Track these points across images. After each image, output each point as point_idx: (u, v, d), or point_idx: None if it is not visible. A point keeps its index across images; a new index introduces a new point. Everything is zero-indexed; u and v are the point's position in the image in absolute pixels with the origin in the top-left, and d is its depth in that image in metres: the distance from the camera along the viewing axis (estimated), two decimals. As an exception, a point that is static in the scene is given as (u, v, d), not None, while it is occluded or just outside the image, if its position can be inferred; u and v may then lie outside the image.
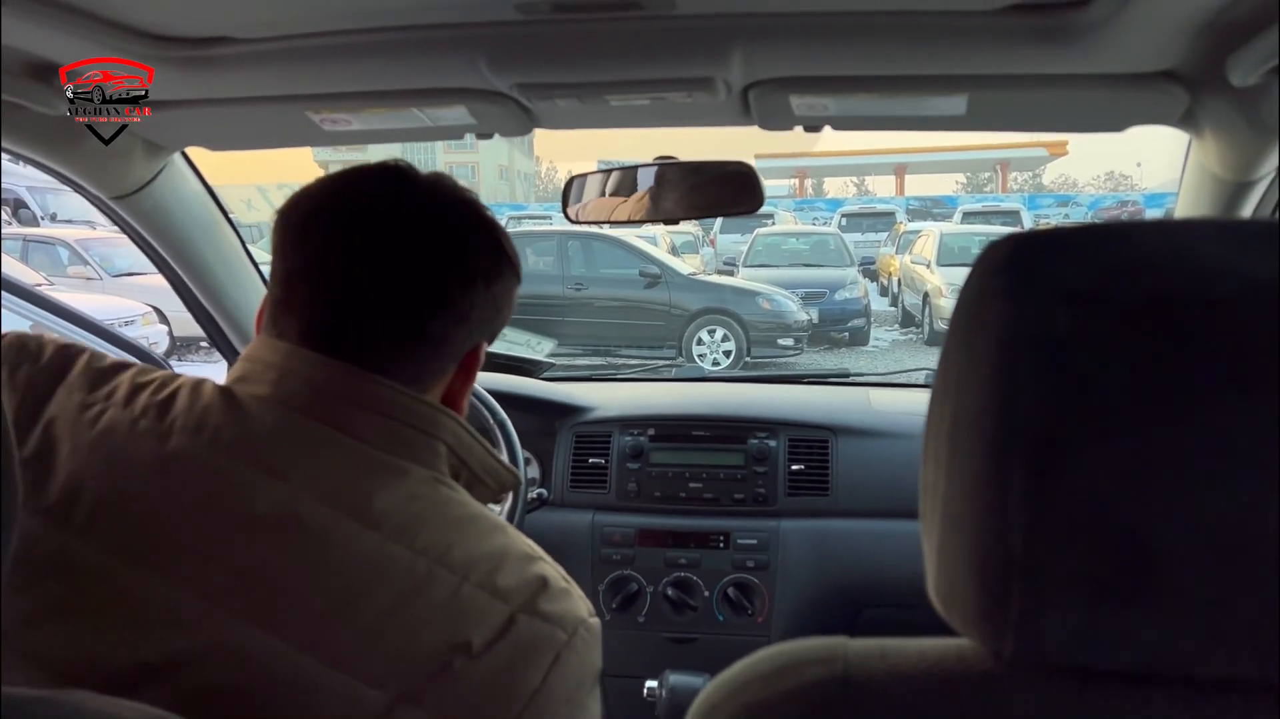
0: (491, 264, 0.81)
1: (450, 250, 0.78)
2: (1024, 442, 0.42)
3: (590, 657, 0.74)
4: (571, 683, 0.71)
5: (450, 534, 0.72)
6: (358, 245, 0.76)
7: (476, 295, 0.79)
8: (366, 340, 0.76)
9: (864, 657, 0.50)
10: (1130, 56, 1.06)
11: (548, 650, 0.70)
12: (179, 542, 0.67)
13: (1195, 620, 0.42)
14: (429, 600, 0.68)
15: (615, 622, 1.74)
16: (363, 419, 0.73)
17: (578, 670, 0.72)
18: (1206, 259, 0.42)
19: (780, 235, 13.88)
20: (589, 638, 0.74)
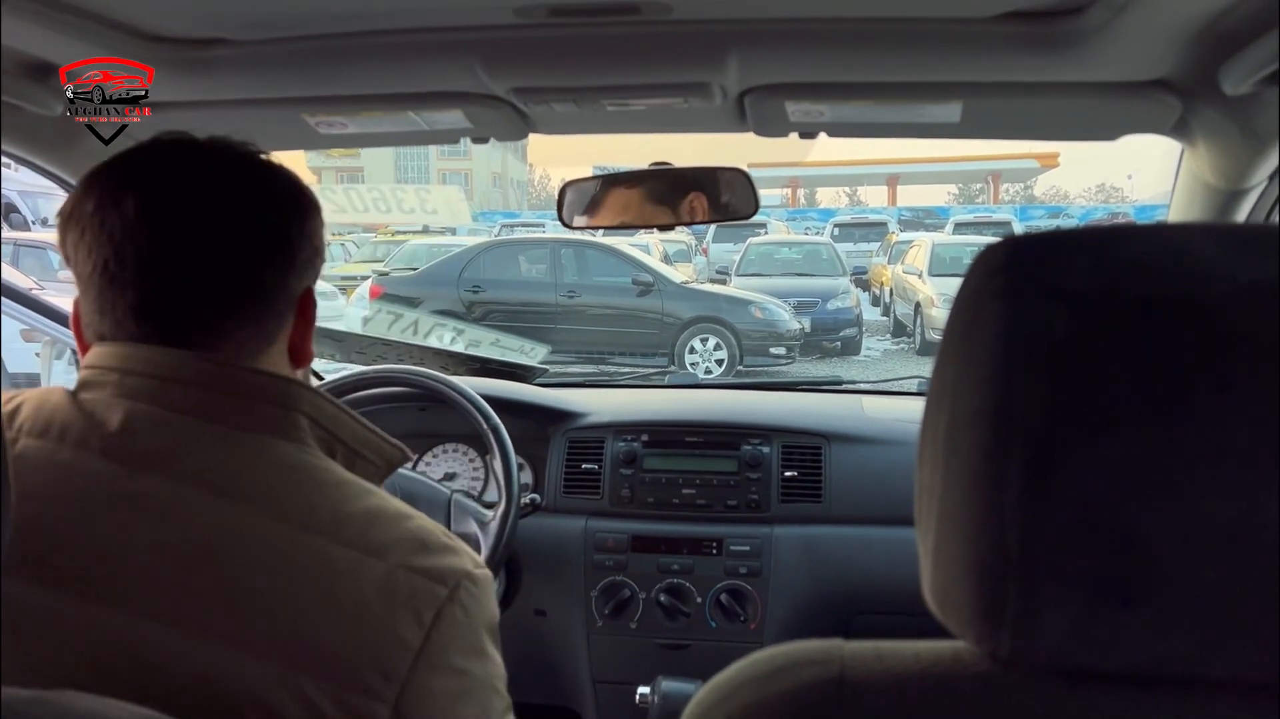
0: (297, 203, 0.80)
1: (255, 198, 0.77)
2: (1021, 443, 0.42)
3: (478, 610, 0.73)
4: (460, 637, 0.71)
5: (316, 497, 0.71)
6: (161, 215, 0.73)
7: (294, 236, 0.78)
8: (198, 307, 0.74)
9: (860, 658, 0.50)
10: (1124, 65, 1.06)
11: (428, 607, 0.69)
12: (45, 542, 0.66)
13: (1192, 622, 0.42)
14: (298, 566, 0.67)
15: (608, 628, 1.73)
16: (211, 400, 0.72)
17: (464, 624, 0.72)
18: (1204, 262, 0.43)
19: (773, 244, 13.91)
20: (475, 590, 0.73)
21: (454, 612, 0.71)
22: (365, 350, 2.22)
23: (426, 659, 0.68)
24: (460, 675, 0.71)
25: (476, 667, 0.73)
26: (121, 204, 0.73)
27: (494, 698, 0.76)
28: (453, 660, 0.70)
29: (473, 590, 0.73)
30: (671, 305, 9.96)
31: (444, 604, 0.70)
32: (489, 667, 0.75)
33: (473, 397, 1.65)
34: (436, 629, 0.69)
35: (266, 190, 0.78)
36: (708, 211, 1.46)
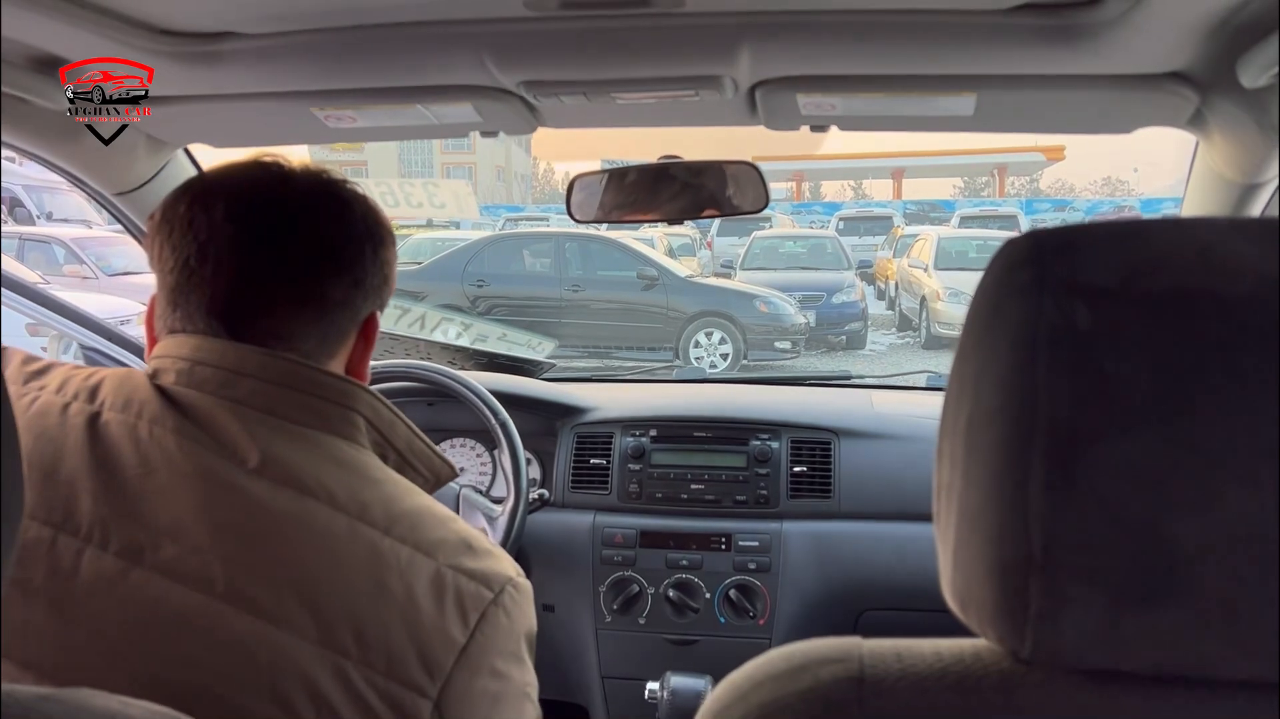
0: (373, 231, 0.84)
1: (335, 219, 0.82)
2: (1044, 439, 0.42)
3: (519, 616, 0.76)
4: (500, 641, 0.73)
5: (369, 492, 0.75)
6: (247, 222, 0.78)
7: (366, 260, 0.83)
8: (268, 312, 0.78)
9: (879, 656, 0.50)
10: (1140, 57, 1.06)
11: (474, 608, 0.72)
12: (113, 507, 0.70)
13: (1218, 621, 0.41)
14: (351, 556, 0.71)
15: (616, 623, 1.73)
16: (275, 395, 0.76)
17: (506, 628, 0.74)
18: (1227, 256, 0.42)
19: (778, 238, 13.88)
20: (518, 596, 0.77)
21: (498, 615, 0.73)
22: (372, 345, 2.22)
23: (469, 659, 0.71)
24: (499, 678, 0.73)
25: (515, 671, 0.75)
26: (211, 209, 0.78)
27: (527, 705, 0.77)
28: (494, 663, 0.73)
29: (516, 596, 0.76)
30: (676, 299, 9.96)
31: (489, 606, 0.73)
32: (525, 674, 0.77)
33: (481, 391, 1.65)
34: (480, 630, 0.72)
35: (346, 215, 0.83)
36: (717, 206, 1.46)
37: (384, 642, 0.68)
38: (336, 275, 0.80)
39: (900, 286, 13.09)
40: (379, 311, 0.87)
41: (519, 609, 0.76)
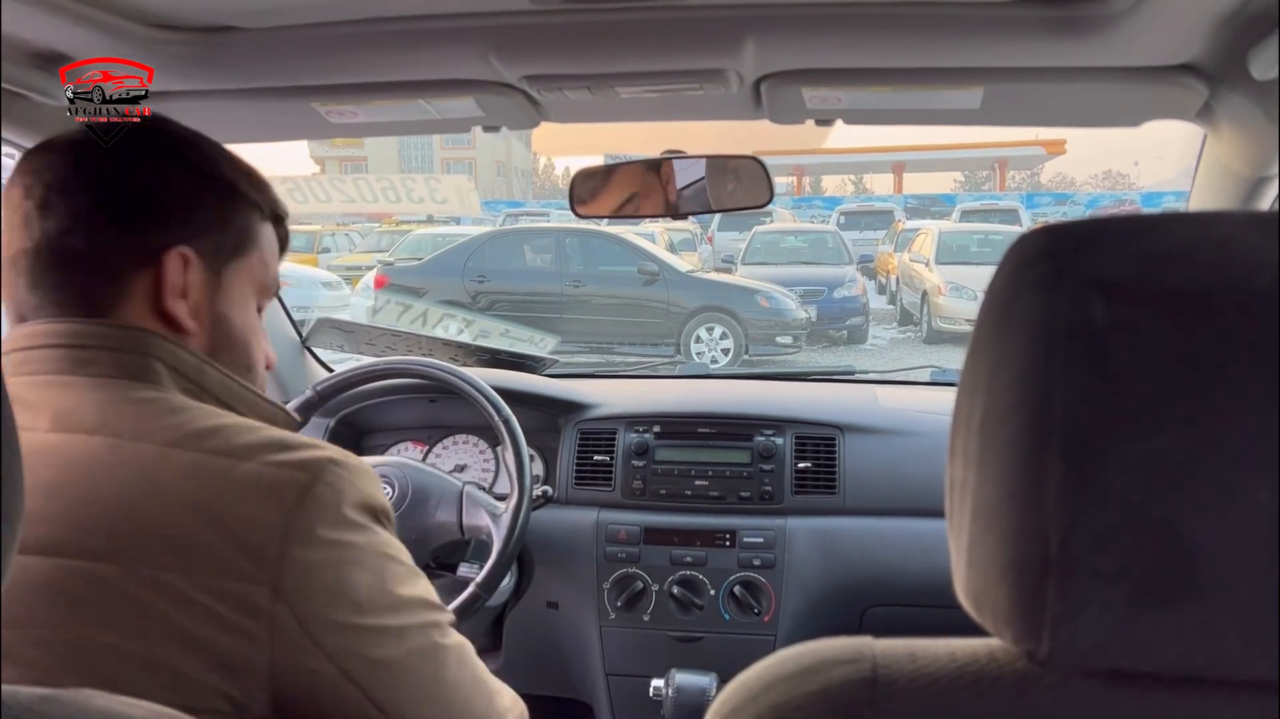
0: (153, 161, 0.84)
1: (104, 162, 0.82)
2: (1060, 437, 0.42)
3: (347, 487, 0.76)
4: (326, 513, 0.74)
5: (171, 419, 0.76)
6: (37, 197, 0.81)
7: (139, 196, 0.82)
8: (68, 280, 0.80)
9: (892, 657, 0.49)
10: (1149, 49, 1.05)
11: (290, 491, 0.73)
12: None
13: (1237, 621, 0.41)
14: (159, 478, 0.72)
15: (620, 620, 1.73)
16: (60, 358, 0.78)
17: (331, 500, 0.74)
18: (1245, 250, 0.42)
19: (778, 233, 13.91)
20: (341, 472, 0.76)
21: (318, 490, 0.74)
22: (374, 341, 2.21)
23: (292, 537, 0.71)
24: (336, 547, 0.74)
25: (356, 536, 0.75)
26: (12, 191, 0.82)
27: (389, 564, 0.78)
28: (321, 534, 0.73)
29: (338, 472, 0.76)
30: (677, 294, 9.97)
31: (307, 485, 0.73)
32: (372, 537, 0.77)
33: (484, 388, 1.64)
34: (301, 509, 0.72)
35: (112, 152, 0.83)
36: (721, 200, 1.45)
37: (208, 548, 0.70)
38: (105, 223, 0.81)
39: (901, 281, 13.10)
40: (184, 248, 0.83)
41: (345, 482, 0.76)
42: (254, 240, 0.90)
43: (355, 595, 0.74)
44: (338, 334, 2.19)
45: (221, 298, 0.87)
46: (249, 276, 0.90)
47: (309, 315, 2.24)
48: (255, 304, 0.93)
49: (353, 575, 0.74)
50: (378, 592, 0.76)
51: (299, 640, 0.71)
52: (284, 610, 0.70)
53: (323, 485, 0.74)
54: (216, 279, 0.86)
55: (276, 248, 0.95)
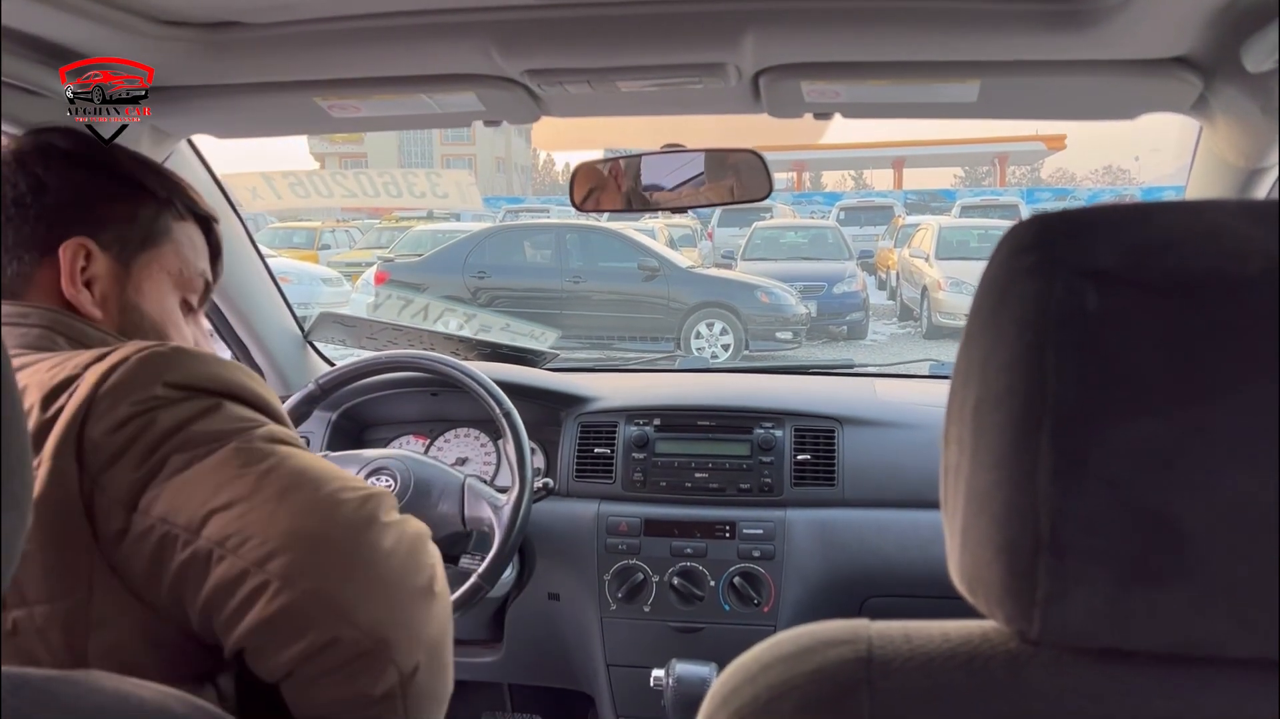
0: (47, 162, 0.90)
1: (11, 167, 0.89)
2: (1052, 421, 0.42)
3: (159, 366, 0.76)
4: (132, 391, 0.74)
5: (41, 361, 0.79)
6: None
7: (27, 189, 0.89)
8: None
9: (887, 638, 0.50)
10: (1144, 42, 1.06)
11: (95, 375, 0.74)
12: None
13: (1225, 601, 0.42)
14: None
15: (621, 611, 1.74)
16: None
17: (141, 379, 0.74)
18: (1236, 238, 0.42)
19: (778, 229, 13.88)
20: (156, 352, 0.77)
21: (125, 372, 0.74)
22: (376, 335, 2.22)
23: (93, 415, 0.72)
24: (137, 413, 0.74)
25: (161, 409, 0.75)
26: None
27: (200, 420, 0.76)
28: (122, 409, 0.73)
29: (156, 351, 0.77)
30: (677, 290, 9.96)
31: (111, 369, 0.74)
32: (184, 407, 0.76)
33: (485, 381, 1.65)
34: (103, 388, 0.73)
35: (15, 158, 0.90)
36: (721, 194, 1.46)
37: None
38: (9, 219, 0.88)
39: (901, 276, 13.08)
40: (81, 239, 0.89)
41: (159, 361, 0.76)
42: (165, 234, 0.95)
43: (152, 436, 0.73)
44: (339, 328, 2.20)
45: (131, 287, 0.92)
46: (160, 268, 0.95)
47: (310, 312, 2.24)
48: (174, 297, 0.97)
49: (142, 436, 0.73)
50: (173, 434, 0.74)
51: (103, 501, 0.71)
52: (85, 480, 0.71)
53: (128, 366, 0.75)
54: (125, 270, 0.92)
55: (201, 246, 1.00)
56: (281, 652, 0.72)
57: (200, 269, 1.00)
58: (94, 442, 0.72)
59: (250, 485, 0.73)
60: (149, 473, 0.73)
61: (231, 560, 0.71)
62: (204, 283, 1.00)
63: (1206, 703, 0.44)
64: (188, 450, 0.74)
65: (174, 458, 0.73)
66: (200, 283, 1.00)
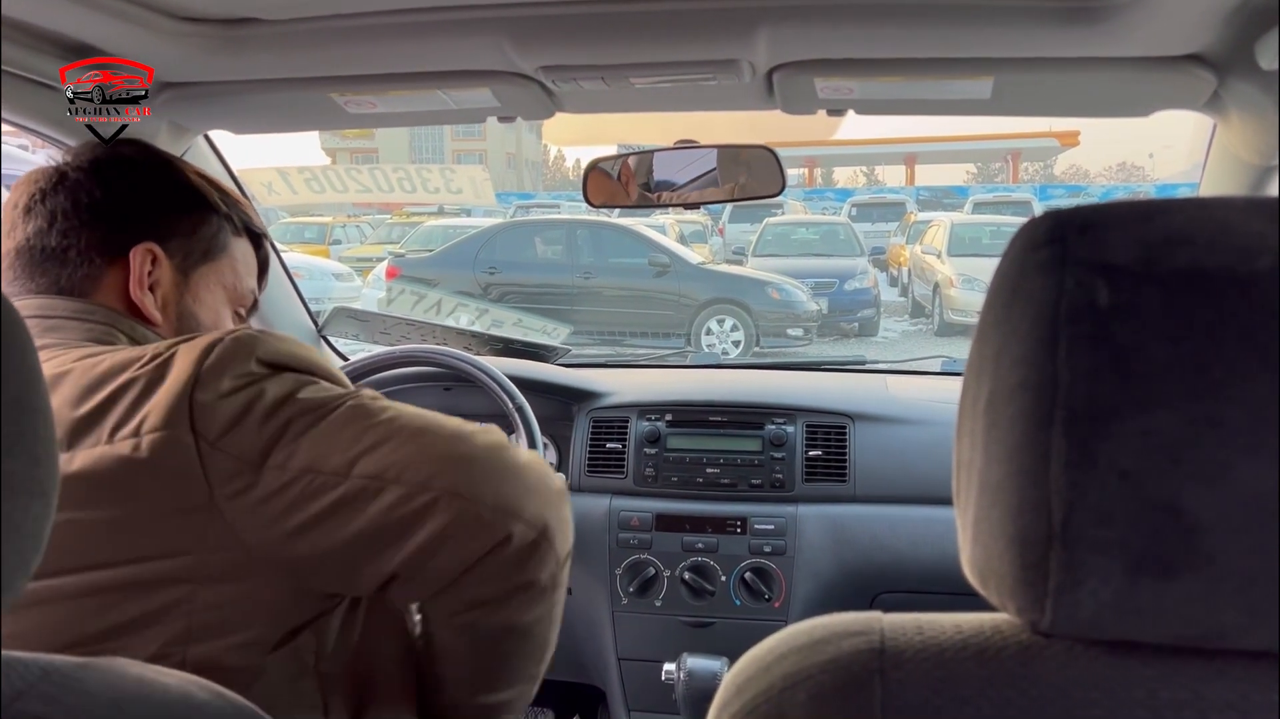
0: (116, 175, 0.95)
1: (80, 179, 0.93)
2: (1064, 415, 0.43)
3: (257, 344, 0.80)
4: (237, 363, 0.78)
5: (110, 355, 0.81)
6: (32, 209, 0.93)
7: (99, 195, 0.93)
8: (19, 278, 0.92)
9: (899, 629, 0.50)
10: (1158, 40, 1.06)
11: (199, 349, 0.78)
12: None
13: (1235, 593, 0.42)
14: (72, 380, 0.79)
15: (632, 605, 1.75)
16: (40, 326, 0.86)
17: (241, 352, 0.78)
18: (1247, 234, 0.43)
19: (790, 225, 13.85)
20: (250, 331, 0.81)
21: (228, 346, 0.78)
22: (389, 330, 2.24)
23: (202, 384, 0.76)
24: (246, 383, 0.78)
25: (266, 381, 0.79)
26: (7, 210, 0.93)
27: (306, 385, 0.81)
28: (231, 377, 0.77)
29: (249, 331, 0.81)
30: (688, 286, 9.95)
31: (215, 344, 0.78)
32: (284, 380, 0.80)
33: (499, 376, 1.66)
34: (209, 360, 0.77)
35: (83, 171, 0.94)
36: (733, 190, 1.46)
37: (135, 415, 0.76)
38: (75, 228, 0.92)
39: (913, 273, 13.04)
40: (148, 244, 0.93)
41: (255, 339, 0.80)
42: (223, 249, 1.00)
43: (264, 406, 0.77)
44: (353, 323, 2.21)
45: (189, 296, 0.97)
46: (217, 281, 0.99)
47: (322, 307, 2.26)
48: (227, 309, 1.02)
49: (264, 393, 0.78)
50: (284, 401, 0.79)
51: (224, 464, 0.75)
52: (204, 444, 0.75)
53: (231, 341, 0.79)
54: (185, 279, 0.96)
55: (252, 262, 1.05)
56: (454, 558, 0.80)
57: (250, 286, 1.05)
58: (207, 408, 0.75)
59: (386, 429, 0.80)
60: (274, 434, 0.77)
61: (394, 488, 0.78)
62: (253, 298, 1.06)
63: (1214, 693, 0.44)
64: (308, 413, 0.79)
65: (296, 420, 0.78)
66: (250, 298, 1.05)
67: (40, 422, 0.50)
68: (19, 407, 0.48)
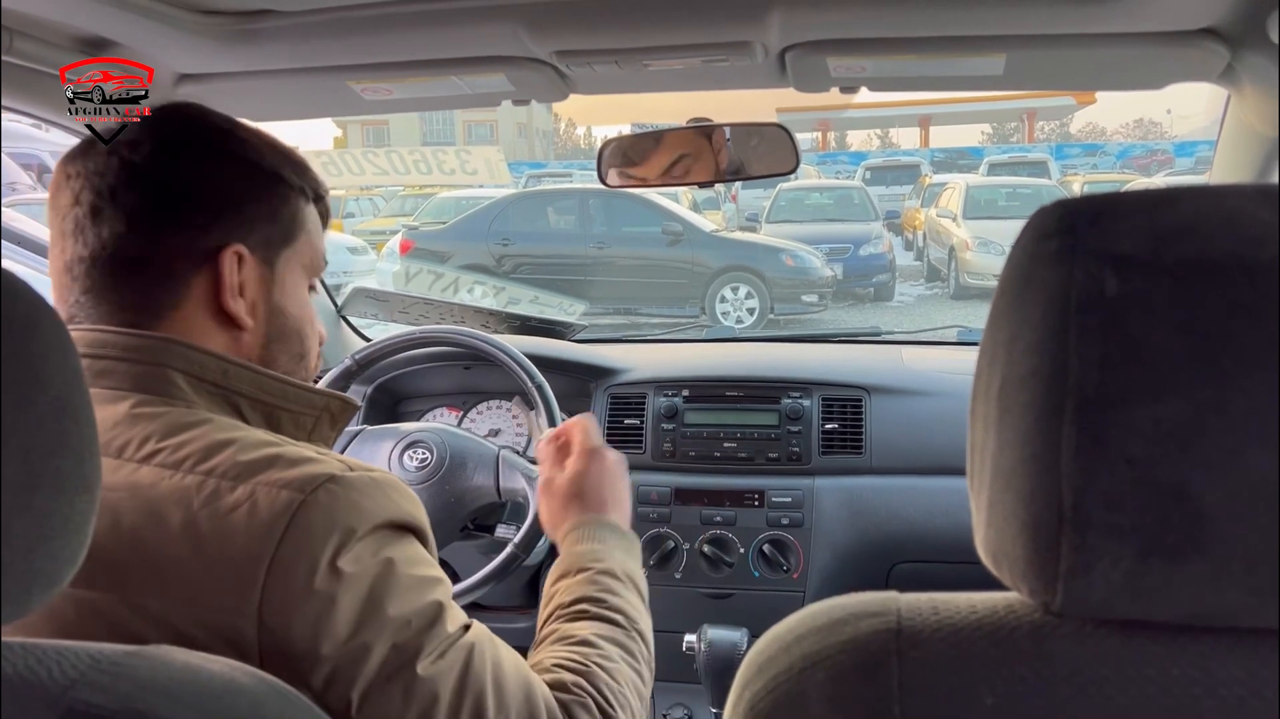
0: (198, 159, 0.82)
1: (146, 164, 0.80)
2: (1075, 402, 0.44)
3: (342, 507, 0.71)
4: (315, 540, 0.69)
5: (175, 439, 0.72)
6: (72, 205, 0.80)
7: (189, 194, 0.80)
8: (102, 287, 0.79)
9: (915, 610, 0.51)
10: (1171, 14, 1.05)
11: (282, 515, 0.68)
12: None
13: (1242, 573, 0.43)
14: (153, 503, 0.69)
15: (653, 578, 1.76)
16: (91, 369, 0.76)
17: (322, 524, 0.69)
18: (1256, 224, 0.43)
19: (803, 190, 13.70)
20: (337, 490, 0.71)
21: (309, 514, 0.69)
22: (408, 310, 2.25)
23: (281, 565, 0.67)
24: (335, 574, 0.69)
25: (350, 566, 0.70)
26: (51, 199, 0.81)
27: (385, 582, 0.72)
28: (317, 561, 0.69)
29: (335, 490, 0.71)
30: (701, 254, 9.90)
31: (297, 510, 0.69)
32: (362, 564, 0.71)
33: (517, 355, 1.68)
34: (290, 534, 0.68)
35: (152, 153, 0.80)
36: (748, 168, 1.47)
37: (197, 578, 0.67)
38: (151, 226, 0.79)
39: (928, 237, 12.94)
40: (237, 245, 0.82)
41: (342, 501, 0.71)
42: (301, 225, 0.88)
43: (334, 629, 0.69)
44: (372, 303, 2.23)
45: (277, 289, 0.86)
46: (299, 262, 0.89)
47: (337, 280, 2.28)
48: (305, 286, 0.91)
49: (335, 606, 0.69)
50: (360, 625, 0.70)
51: (286, 673, 0.64)
52: (269, 642, 0.67)
53: (315, 508, 0.69)
54: (270, 272, 0.85)
55: (320, 225, 0.93)
56: None
57: (323, 251, 0.94)
58: (280, 593, 0.68)
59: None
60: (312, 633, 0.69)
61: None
62: (324, 262, 0.95)
63: (1221, 670, 0.45)
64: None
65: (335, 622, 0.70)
66: (322, 263, 0.94)
67: (83, 420, 0.52)
68: (62, 407, 0.51)
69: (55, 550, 0.50)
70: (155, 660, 0.52)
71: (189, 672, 0.53)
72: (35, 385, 0.49)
